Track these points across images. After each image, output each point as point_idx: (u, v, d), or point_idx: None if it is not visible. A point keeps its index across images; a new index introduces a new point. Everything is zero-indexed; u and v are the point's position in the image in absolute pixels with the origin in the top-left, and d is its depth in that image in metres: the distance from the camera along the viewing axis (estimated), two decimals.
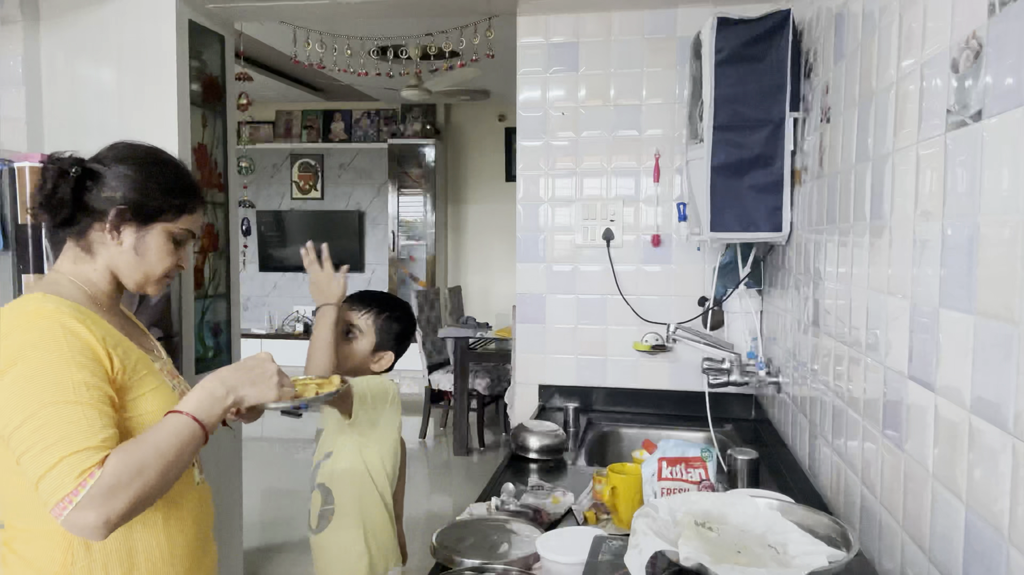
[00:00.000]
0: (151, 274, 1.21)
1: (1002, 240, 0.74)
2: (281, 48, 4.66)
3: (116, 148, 1.22)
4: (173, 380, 1.26)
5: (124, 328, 1.21)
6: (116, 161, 1.19)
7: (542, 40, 2.41)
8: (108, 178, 1.17)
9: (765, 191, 1.82)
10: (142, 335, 1.31)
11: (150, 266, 1.21)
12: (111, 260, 1.19)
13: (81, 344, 1.05)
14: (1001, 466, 0.73)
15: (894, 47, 1.08)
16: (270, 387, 1.17)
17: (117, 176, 1.18)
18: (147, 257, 1.20)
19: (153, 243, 1.20)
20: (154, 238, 1.20)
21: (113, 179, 1.17)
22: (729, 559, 0.85)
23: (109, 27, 2.40)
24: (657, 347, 2.35)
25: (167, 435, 1.05)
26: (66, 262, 1.20)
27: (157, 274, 1.22)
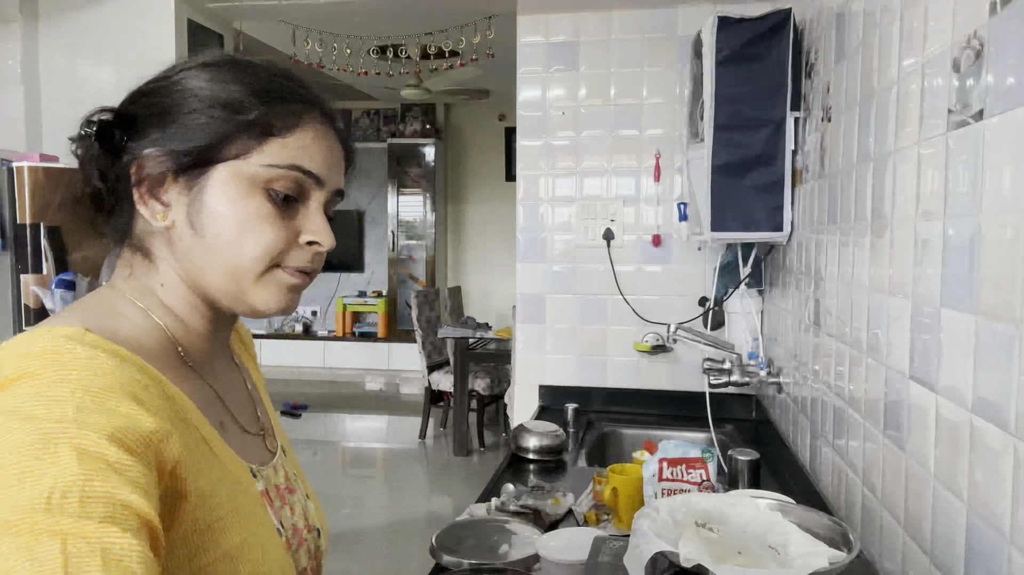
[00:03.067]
0: (239, 262, 0.68)
1: (1003, 240, 0.73)
2: (280, 47, 4.66)
3: (174, 64, 0.73)
4: (282, 504, 0.75)
5: (216, 405, 0.72)
6: (155, 89, 0.70)
7: (542, 39, 2.41)
8: (141, 116, 0.69)
9: (766, 191, 1.81)
10: (251, 412, 0.79)
11: (230, 246, 0.67)
12: (173, 258, 0.70)
13: (108, 424, 0.53)
14: (1002, 467, 0.73)
15: (895, 46, 1.08)
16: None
17: (151, 108, 0.69)
18: (218, 233, 0.67)
19: (222, 202, 0.67)
20: (222, 192, 0.67)
21: (147, 115, 0.69)
22: (730, 560, 0.85)
23: (108, 26, 2.40)
24: (657, 347, 2.35)
25: None
26: (121, 279, 0.72)
27: (252, 259, 0.68)
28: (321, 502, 0.88)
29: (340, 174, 0.74)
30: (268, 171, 0.68)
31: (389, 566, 3.45)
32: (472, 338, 4.84)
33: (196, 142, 0.67)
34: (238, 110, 0.67)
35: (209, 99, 0.68)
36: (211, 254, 0.68)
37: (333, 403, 6.38)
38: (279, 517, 0.73)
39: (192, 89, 0.68)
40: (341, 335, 7.32)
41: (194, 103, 0.68)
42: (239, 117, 0.67)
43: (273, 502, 0.73)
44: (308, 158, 0.70)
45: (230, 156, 0.67)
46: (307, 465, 4.86)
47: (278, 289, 0.70)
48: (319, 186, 0.71)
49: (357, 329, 7.37)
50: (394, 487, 4.53)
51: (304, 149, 0.69)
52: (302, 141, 0.69)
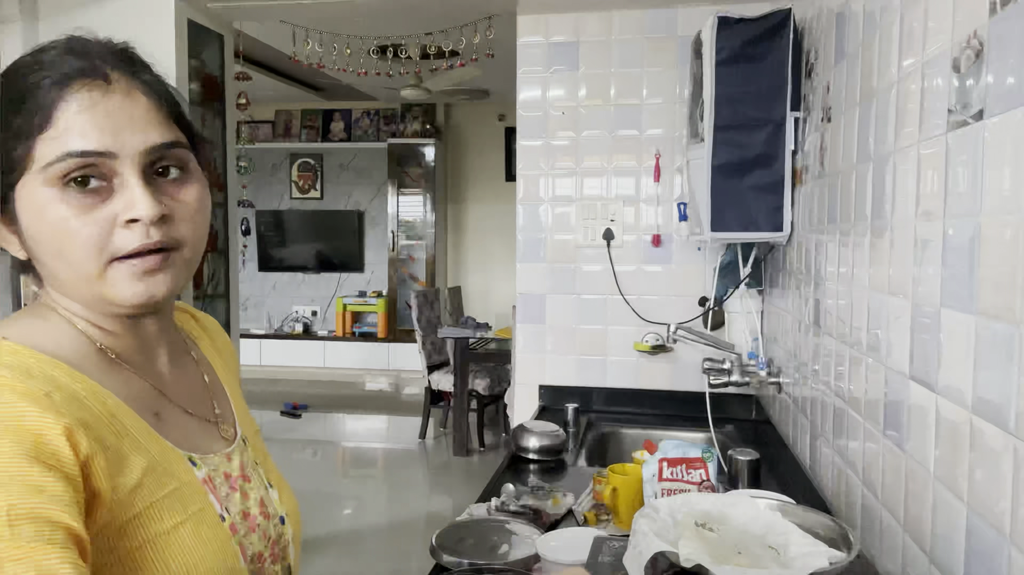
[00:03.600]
0: (74, 272, 0.66)
1: (1003, 240, 0.73)
2: (280, 47, 4.66)
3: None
4: (230, 491, 0.75)
5: (150, 396, 0.72)
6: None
7: (542, 39, 2.41)
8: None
9: (766, 191, 1.81)
10: (204, 401, 0.80)
11: (58, 261, 0.66)
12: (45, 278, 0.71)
13: (16, 441, 0.56)
14: (1002, 467, 0.73)
15: (895, 46, 1.08)
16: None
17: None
18: (44, 253, 0.67)
19: (31, 220, 0.66)
20: (27, 210, 0.66)
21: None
22: (730, 560, 0.85)
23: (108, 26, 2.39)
24: (657, 347, 2.35)
25: None
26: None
27: (79, 263, 0.65)
28: (321, 502, 0.88)
29: (142, 129, 0.66)
30: (49, 171, 0.64)
31: (389, 566, 3.45)
32: (472, 338, 4.84)
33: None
34: (8, 125, 0.65)
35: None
36: (54, 273, 0.68)
37: (333, 403, 6.38)
38: (225, 503, 0.73)
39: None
40: (341, 335, 7.32)
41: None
42: (9, 132, 0.65)
43: (218, 489, 0.73)
44: (79, 136, 0.64)
45: (18, 176, 0.65)
46: (307, 465, 4.86)
47: (126, 280, 0.67)
48: (112, 157, 0.65)
49: (357, 329, 7.37)
50: (394, 487, 4.53)
51: (70, 130, 0.64)
52: (64, 125, 0.64)
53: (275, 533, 0.80)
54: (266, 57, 5.12)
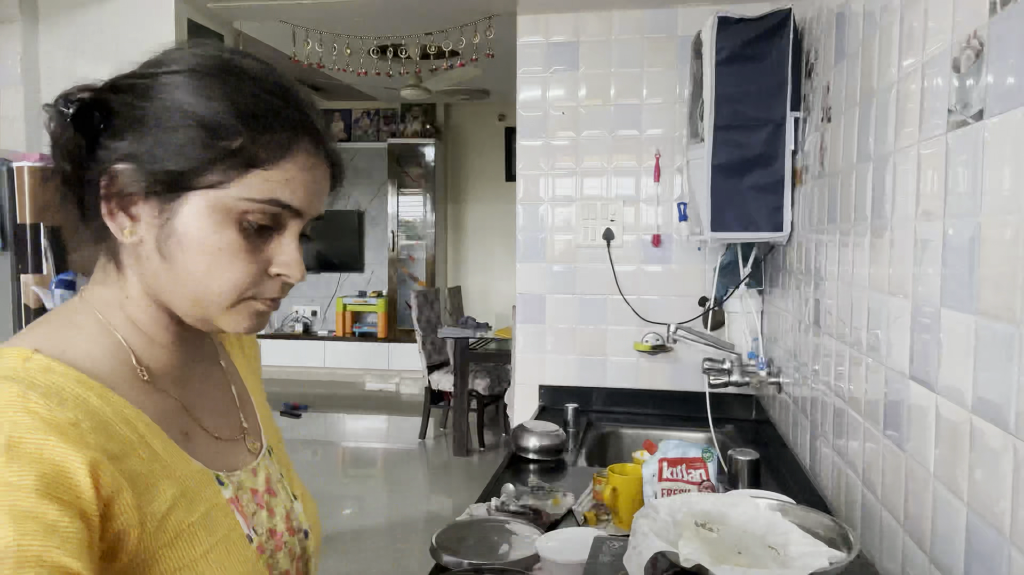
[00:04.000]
0: (206, 295, 0.66)
1: (1003, 240, 0.73)
2: (280, 47, 4.66)
3: (164, 55, 0.68)
4: (257, 508, 0.74)
5: (180, 415, 0.71)
6: (139, 87, 0.65)
7: (542, 39, 2.41)
8: (120, 113, 0.65)
9: (766, 191, 1.81)
10: (231, 417, 0.79)
11: (197, 279, 0.65)
12: (141, 274, 0.68)
13: (37, 474, 0.54)
14: (1002, 467, 0.73)
15: (895, 46, 1.08)
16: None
17: (131, 109, 0.64)
18: (186, 263, 0.65)
19: (193, 232, 0.64)
20: (194, 222, 0.64)
21: (125, 112, 0.64)
22: (730, 560, 0.85)
23: (108, 26, 2.40)
24: (657, 347, 2.35)
25: None
26: (95, 284, 0.71)
27: (219, 294, 0.66)
28: (321, 502, 0.88)
29: (322, 201, 0.70)
30: (245, 204, 0.64)
31: (389, 566, 3.46)
32: (472, 338, 4.84)
33: (172, 165, 0.63)
34: (221, 135, 0.63)
35: (192, 117, 0.63)
36: (178, 282, 0.66)
37: (333, 403, 6.38)
38: (252, 523, 0.72)
39: (176, 101, 0.63)
40: (341, 335, 7.32)
41: (176, 118, 0.63)
42: (221, 144, 0.63)
43: (245, 508, 0.72)
44: (290, 192, 0.65)
45: (206, 184, 0.63)
46: (307, 465, 4.86)
47: (247, 315, 0.68)
48: (298, 217, 0.67)
49: (357, 329, 7.37)
50: (394, 487, 4.53)
51: (287, 183, 0.65)
52: (287, 174, 0.65)
53: (300, 548, 0.79)
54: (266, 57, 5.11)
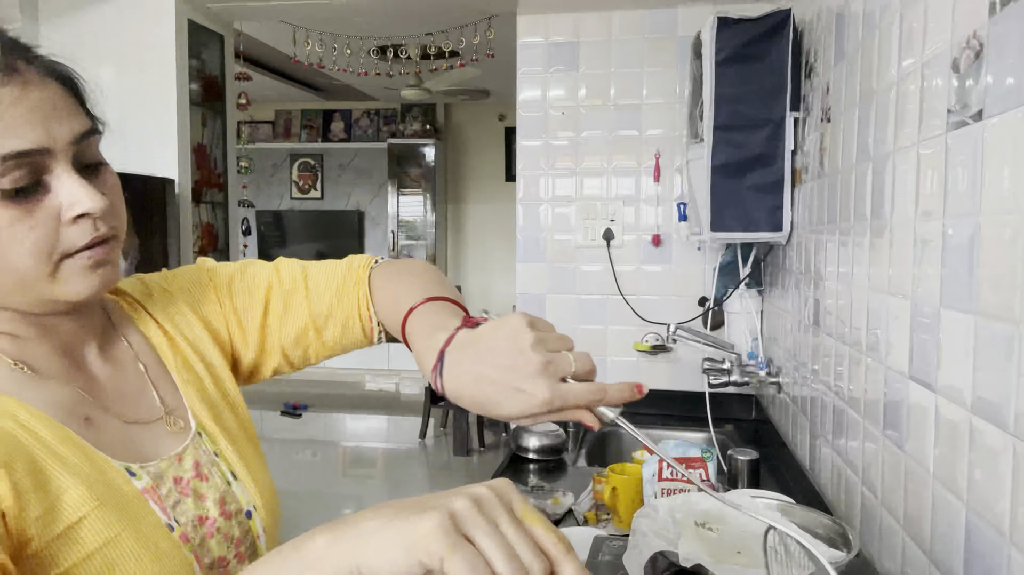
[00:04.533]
0: (18, 277, 0.62)
1: (1003, 240, 0.73)
2: (281, 48, 4.66)
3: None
4: (180, 497, 0.71)
5: (76, 402, 0.68)
6: None
7: (542, 40, 2.41)
8: None
9: (765, 191, 1.81)
10: (144, 397, 0.75)
11: (1, 259, 0.61)
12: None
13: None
14: (1002, 467, 0.73)
15: (895, 47, 1.08)
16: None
17: None
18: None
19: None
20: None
21: None
22: (729, 559, 0.85)
23: (108, 27, 2.40)
24: (657, 347, 2.35)
25: None
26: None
27: (26, 269, 0.62)
28: (321, 502, 0.87)
29: (69, 120, 0.63)
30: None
31: None
32: None
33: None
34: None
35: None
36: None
37: (333, 403, 6.38)
38: (173, 513, 0.69)
39: None
40: None
41: None
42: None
43: (165, 498, 0.69)
44: (13, 136, 0.59)
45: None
46: (307, 465, 4.86)
47: (77, 276, 0.64)
48: (48, 154, 0.61)
49: None
50: (394, 487, 4.53)
51: (3, 131, 0.59)
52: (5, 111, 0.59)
53: (240, 531, 0.76)
54: (266, 57, 5.12)
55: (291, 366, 0.92)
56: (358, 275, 0.88)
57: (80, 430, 0.66)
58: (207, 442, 0.77)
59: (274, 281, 0.89)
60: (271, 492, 0.83)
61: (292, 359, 0.91)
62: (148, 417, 0.74)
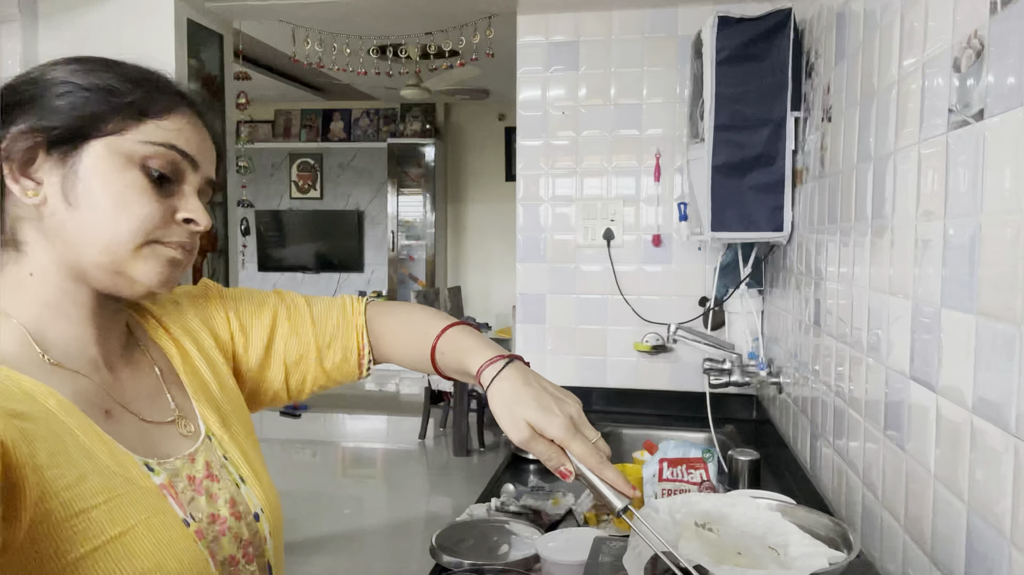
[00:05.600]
0: (114, 236, 0.67)
1: (1004, 240, 0.73)
2: (280, 47, 4.66)
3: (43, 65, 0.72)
4: (195, 495, 0.73)
5: (99, 395, 0.71)
6: (24, 82, 0.70)
7: (542, 39, 2.41)
8: (9, 106, 0.68)
9: (766, 191, 1.81)
10: (159, 400, 0.78)
11: (107, 224, 0.67)
12: (45, 239, 0.69)
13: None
14: (1003, 467, 0.73)
15: (895, 46, 1.08)
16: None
17: (19, 96, 0.69)
18: (94, 204, 0.67)
19: (98, 175, 0.67)
20: (97, 165, 0.67)
21: (15, 102, 0.68)
22: (729, 560, 0.85)
23: (108, 26, 2.40)
24: (658, 347, 2.34)
25: None
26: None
27: (128, 230, 0.68)
28: (321, 502, 0.88)
29: (213, 164, 0.78)
30: (144, 147, 0.70)
31: (389, 566, 3.45)
32: None
33: (70, 118, 0.68)
34: (114, 92, 0.69)
35: (83, 84, 0.69)
36: (86, 227, 0.68)
37: (333, 403, 6.38)
38: (188, 509, 0.71)
39: (64, 76, 0.69)
40: None
41: (66, 87, 0.68)
42: (114, 99, 0.69)
43: (181, 495, 0.71)
44: (184, 140, 0.73)
45: (106, 132, 0.68)
46: (307, 465, 4.86)
47: (157, 262, 0.71)
48: (194, 169, 0.74)
49: None
50: (394, 487, 4.53)
51: (180, 132, 0.73)
52: (177, 125, 0.73)
53: (249, 532, 0.78)
54: (266, 57, 5.12)
55: (287, 391, 0.97)
56: (355, 307, 0.99)
57: (101, 422, 0.69)
58: (216, 446, 0.80)
59: (279, 305, 0.96)
60: (275, 497, 0.86)
61: (290, 383, 0.96)
62: (162, 418, 0.77)
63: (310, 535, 3.61)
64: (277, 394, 0.97)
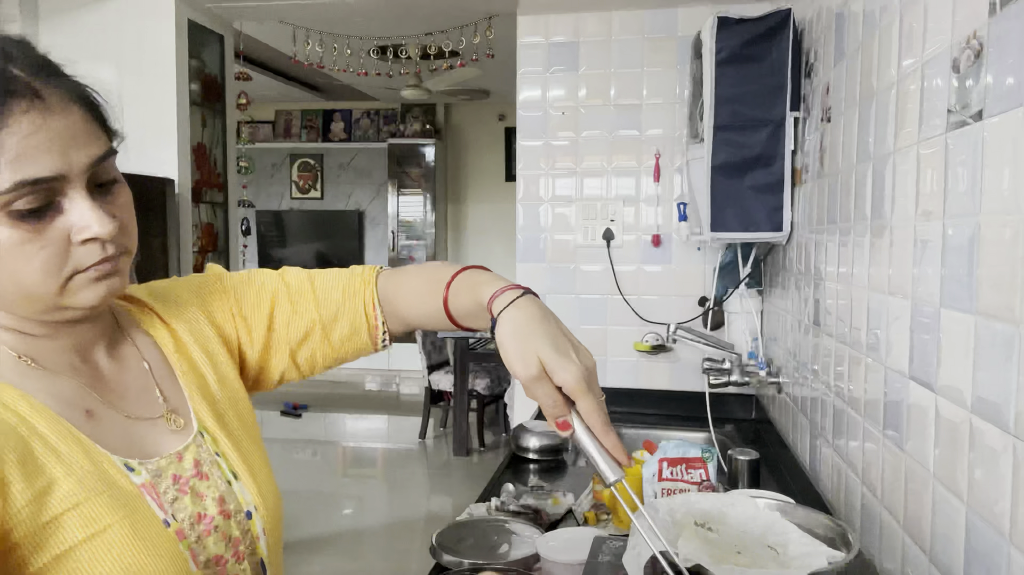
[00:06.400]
0: (28, 293, 0.65)
1: (1003, 240, 0.73)
2: (281, 48, 4.66)
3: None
4: (178, 494, 0.72)
5: (79, 395, 0.70)
6: None
7: (542, 40, 2.41)
8: None
9: (765, 191, 1.81)
10: (147, 395, 0.76)
11: (13, 287, 0.65)
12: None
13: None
14: (1002, 466, 0.73)
15: (895, 47, 1.08)
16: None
17: None
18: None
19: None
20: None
21: None
22: (729, 560, 0.85)
23: (108, 26, 2.40)
24: (657, 347, 2.35)
25: None
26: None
27: (36, 285, 0.64)
28: (321, 502, 0.88)
29: (87, 145, 0.65)
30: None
31: (389, 566, 3.45)
32: (472, 338, 4.84)
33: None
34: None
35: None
36: (1, 294, 0.65)
37: (333, 403, 6.38)
38: (170, 509, 0.70)
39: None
40: None
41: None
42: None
43: (162, 495, 0.70)
44: (31, 163, 0.61)
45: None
46: (307, 465, 4.86)
47: (87, 289, 0.67)
48: (63, 178, 0.63)
49: None
50: (394, 487, 4.53)
51: (20, 159, 0.60)
52: (14, 150, 0.60)
53: (239, 530, 0.77)
54: (266, 57, 5.12)
55: (298, 369, 0.93)
56: (365, 277, 0.93)
57: (80, 423, 0.68)
58: (209, 442, 0.78)
59: (280, 285, 0.92)
60: (274, 494, 0.83)
61: (299, 361, 0.92)
62: (150, 414, 0.75)
63: (310, 535, 3.61)
64: (285, 373, 0.93)
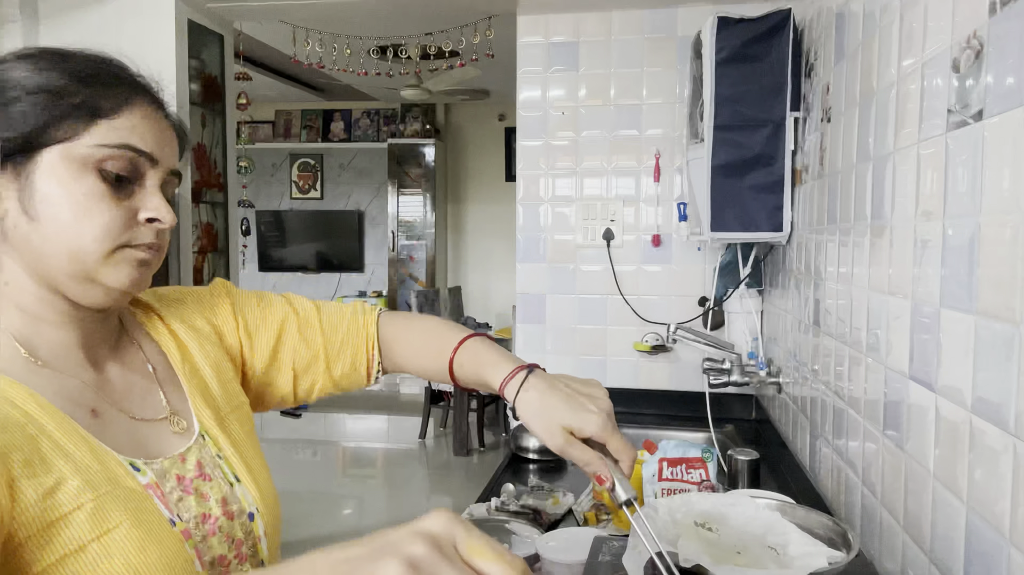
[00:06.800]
0: (79, 246, 0.67)
1: (1003, 240, 0.73)
2: (281, 48, 4.66)
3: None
4: (183, 495, 0.73)
5: (85, 394, 0.71)
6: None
7: (542, 39, 2.41)
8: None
9: (766, 191, 1.81)
10: (151, 397, 0.78)
11: (70, 235, 0.66)
12: (12, 250, 0.69)
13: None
14: (1002, 467, 0.73)
15: (895, 47, 1.08)
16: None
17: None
18: (55, 217, 0.66)
19: (55, 185, 0.66)
20: (53, 175, 0.66)
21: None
22: (729, 560, 0.85)
23: (108, 26, 2.40)
24: (657, 347, 2.35)
25: None
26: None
27: (92, 239, 0.67)
28: (321, 502, 0.88)
29: (174, 155, 0.76)
30: (99, 151, 0.67)
31: None
32: None
33: (20, 128, 0.66)
34: (62, 95, 0.67)
35: (30, 87, 0.66)
36: (50, 239, 0.67)
37: (333, 403, 6.38)
38: (176, 510, 0.71)
39: (10, 80, 0.67)
40: None
41: (14, 93, 0.66)
42: (63, 101, 0.67)
43: (168, 495, 0.71)
44: (138, 138, 0.70)
45: (58, 139, 0.66)
46: (307, 465, 4.86)
47: (127, 266, 0.70)
48: (153, 165, 0.72)
49: None
50: (394, 487, 4.53)
51: (134, 129, 0.70)
52: (131, 121, 0.70)
53: (242, 532, 0.78)
54: (266, 57, 5.12)
55: (295, 397, 0.98)
56: (367, 318, 0.99)
57: (86, 422, 0.69)
58: (210, 444, 0.80)
59: (289, 311, 0.96)
60: (273, 497, 0.85)
61: (299, 389, 0.97)
62: (153, 416, 0.76)
63: (310, 535, 3.61)
64: (284, 398, 0.98)
